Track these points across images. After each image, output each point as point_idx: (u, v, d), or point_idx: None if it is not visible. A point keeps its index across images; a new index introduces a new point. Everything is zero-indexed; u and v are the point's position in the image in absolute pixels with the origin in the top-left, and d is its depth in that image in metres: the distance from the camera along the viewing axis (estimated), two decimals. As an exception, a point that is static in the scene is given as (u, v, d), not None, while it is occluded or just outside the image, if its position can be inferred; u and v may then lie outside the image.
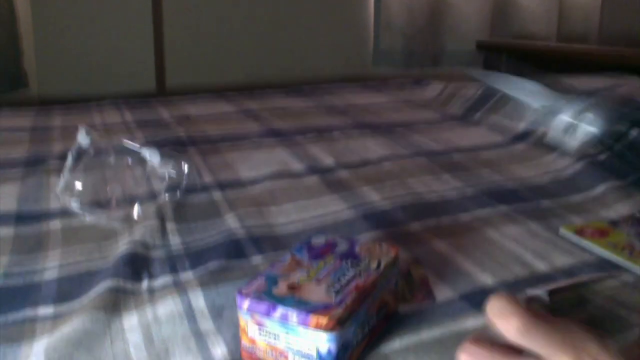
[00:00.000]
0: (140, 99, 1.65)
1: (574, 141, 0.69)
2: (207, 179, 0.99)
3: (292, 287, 0.51)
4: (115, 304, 0.61)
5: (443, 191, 0.94)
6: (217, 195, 0.92)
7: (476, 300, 0.62)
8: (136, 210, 0.82)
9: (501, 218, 0.84)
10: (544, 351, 0.35)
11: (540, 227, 0.81)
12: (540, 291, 0.39)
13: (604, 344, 0.34)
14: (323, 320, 0.47)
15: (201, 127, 1.32)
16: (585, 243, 0.75)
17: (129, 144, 0.86)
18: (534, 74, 1.75)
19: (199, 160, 1.09)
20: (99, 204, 0.84)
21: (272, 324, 0.49)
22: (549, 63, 1.87)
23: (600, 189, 0.95)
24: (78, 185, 0.83)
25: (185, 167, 0.88)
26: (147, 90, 1.91)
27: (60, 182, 0.83)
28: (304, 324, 0.47)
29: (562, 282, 0.42)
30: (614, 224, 0.81)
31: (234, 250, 0.74)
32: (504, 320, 0.36)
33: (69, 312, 0.60)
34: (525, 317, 0.36)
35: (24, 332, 0.57)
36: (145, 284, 0.66)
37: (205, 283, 0.65)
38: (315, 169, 1.04)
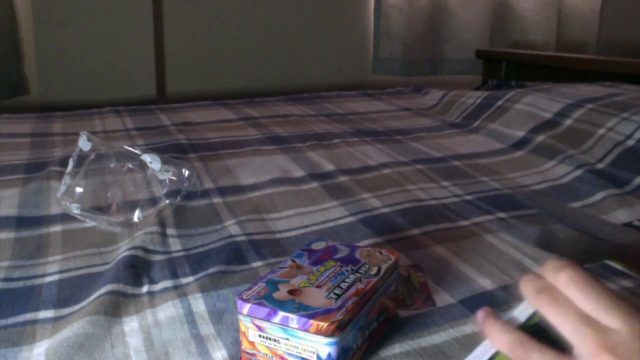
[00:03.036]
0: (140, 106, 1.66)
1: None
2: (208, 184, 0.99)
3: (293, 292, 0.51)
4: (115, 308, 0.61)
5: (442, 197, 0.95)
6: (217, 200, 0.93)
7: (475, 305, 0.62)
8: (137, 215, 0.82)
9: (500, 224, 0.84)
10: (595, 304, 0.34)
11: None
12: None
13: None
14: (323, 325, 0.47)
15: (202, 134, 1.33)
16: (584, 249, 0.75)
17: (130, 149, 0.87)
18: (533, 81, 1.76)
19: (199, 166, 1.09)
20: (99, 209, 0.84)
21: (272, 329, 0.49)
22: (547, 71, 1.88)
23: (599, 196, 0.95)
24: (79, 190, 0.83)
25: (186, 173, 0.89)
26: (148, 97, 1.91)
27: (61, 187, 0.84)
28: (304, 328, 0.47)
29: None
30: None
31: (235, 255, 0.74)
32: (557, 271, 0.36)
33: (70, 316, 0.60)
34: (579, 270, 0.35)
35: (24, 336, 0.57)
36: (145, 288, 0.66)
37: (205, 288, 0.65)
38: (315, 175, 1.04)
